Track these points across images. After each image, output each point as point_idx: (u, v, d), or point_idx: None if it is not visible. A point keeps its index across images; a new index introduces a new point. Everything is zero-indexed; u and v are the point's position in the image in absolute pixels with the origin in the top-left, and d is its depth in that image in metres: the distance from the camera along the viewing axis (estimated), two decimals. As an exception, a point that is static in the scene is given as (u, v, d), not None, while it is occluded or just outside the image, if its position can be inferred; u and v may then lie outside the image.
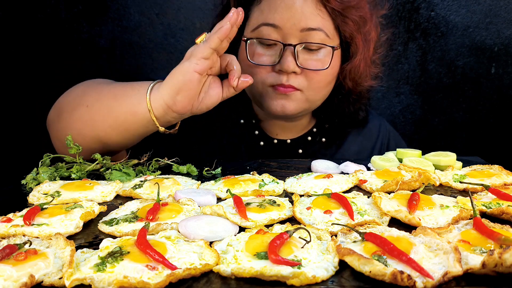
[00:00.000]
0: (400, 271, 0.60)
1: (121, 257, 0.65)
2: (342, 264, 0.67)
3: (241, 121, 1.55)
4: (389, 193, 0.98)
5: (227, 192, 0.99)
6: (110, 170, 1.17)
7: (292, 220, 0.88)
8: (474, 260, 0.65)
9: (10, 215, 0.86)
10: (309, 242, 0.71)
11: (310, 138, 1.55)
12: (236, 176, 1.12)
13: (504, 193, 0.93)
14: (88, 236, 0.82)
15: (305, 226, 0.81)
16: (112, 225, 0.84)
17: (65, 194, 1.00)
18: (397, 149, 1.34)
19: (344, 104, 1.52)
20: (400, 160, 1.28)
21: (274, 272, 0.61)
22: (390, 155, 1.33)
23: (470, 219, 0.82)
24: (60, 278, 0.63)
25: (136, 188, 1.05)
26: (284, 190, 1.08)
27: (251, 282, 0.63)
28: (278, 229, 0.80)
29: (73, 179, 1.14)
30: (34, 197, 0.99)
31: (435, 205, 0.89)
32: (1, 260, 0.65)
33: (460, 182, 1.07)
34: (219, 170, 1.24)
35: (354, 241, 0.74)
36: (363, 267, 0.63)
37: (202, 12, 2.11)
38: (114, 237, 0.78)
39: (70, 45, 2.08)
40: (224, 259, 0.69)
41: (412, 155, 1.29)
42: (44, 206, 0.89)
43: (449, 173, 1.17)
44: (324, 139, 1.57)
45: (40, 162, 1.18)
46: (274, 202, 0.92)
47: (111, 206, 0.97)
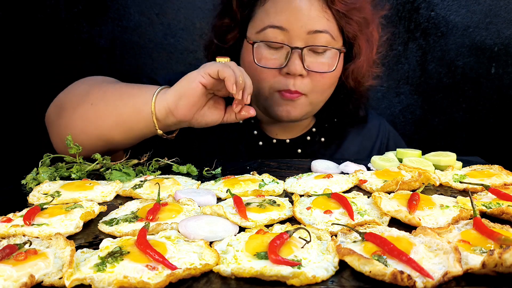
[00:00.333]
0: (400, 271, 0.60)
1: (121, 257, 0.65)
2: (342, 264, 0.67)
3: (240, 121, 1.55)
4: (389, 193, 0.98)
5: (227, 192, 0.99)
6: (110, 170, 1.17)
7: (292, 220, 0.88)
8: (474, 260, 0.65)
9: (10, 215, 0.86)
10: (309, 242, 0.71)
11: (309, 137, 1.55)
12: (236, 176, 1.12)
13: (504, 193, 0.93)
14: (88, 236, 0.82)
15: (305, 226, 0.81)
16: (112, 225, 0.84)
17: (65, 194, 1.00)
18: (397, 149, 1.34)
19: (344, 103, 1.53)
20: (400, 160, 1.28)
21: (274, 272, 0.61)
22: (390, 155, 1.33)
23: (470, 219, 0.82)
24: (60, 278, 0.63)
25: (136, 188, 1.05)
26: (284, 190, 1.08)
27: (251, 282, 0.63)
28: (278, 229, 0.80)
29: (73, 179, 1.14)
30: (34, 197, 0.99)
31: (435, 205, 0.89)
32: (1, 260, 0.65)
33: (460, 182, 1.07)
34: (219, 170, 1.24)
35: (354, 241, 0.74)
36: (363, 267, 0.63)
37: (202, 12, 2.11)
38: (114, 237, 0.78)
39: (70, 45, 2.08)
40: (224, 259, 0.69)
41: (412, 155, 1.29)
42: (44, 206, 0.89)
43: (449, 173, 1.17)
44: (323, 139, 1.57)
45: (40, 162, 1.18)
46: (274, 202, 0.92)
47: (111, 206, 0.97)
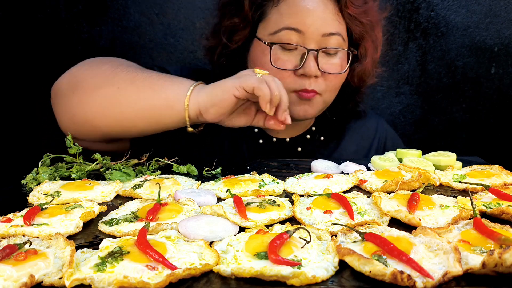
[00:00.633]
0: (400, 271, 0.60)
1: (121, 257, 0.65)
2: (342, 264, 0.67)
3: None
4: (389, 193, 0.98)
5: (227, 192, 0.99)
6: (110, 170, 1.17)
7: (292, 220, 0.88)
8: (474, 260, 0.65)
9: (10, 215, 0.86)
10: (309, 242, 0.71)
11: (309, 136, 1.56)
12: (236, 176, 1.12)
13: (504, 193, 0.93)
14: (88, 236, 0.82)
15: (305, 226, 0.81)
16: (112, 225, 0.84)
17: (65, 194, 1.00)
18: (397, 149, 1.35)
19: (347, 101, 1.56)
20: (400, 160, 1.28)
21: (274, 272, 0.61)
22: (390, 155, 1.33)
23: (470, 219, 0.82)
24: (60, 278, 0.63)
25: (136, 188, 1.05)
26: (284, 190, 1.08)
27: (251, 282, 0.63)
28: (278, 229, 0.80)
29: (73, 179, 1.14)
30: (34, 197, 0.99)
31: (435, 205, 0.89)
32: (1, 260, 0.65)
33: (460, 182, 1.07)
34: (219, 170, 1.24)
35: (354, 241, 0.74)
36: (363, 267, 0.63)
37: (202, 12, 2.11)
38: (114, 237, 0.78)
39: (70, 45, 2.08)
40: (224, 259, 0.69)
41: (412, 155, 1.29)
42: (44, 206, 0.89)
43: (449, 173, 1.17)
44: (322, 138, 1.58)
45: (40, 162, 1.18)
46: (274, 202, 0.92)
47: (111, 206, 0.97)
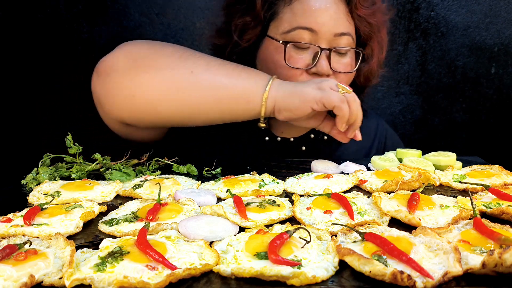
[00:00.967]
0: (400, 271, 0.60)
1: (121, 257, 0.65)
2: (342, 264, 0.67)
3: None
4: (389, 193, 0.98)
5: (227, 192, 0.99)
6: (110, 170, 1.17)
7: (292, 220, 0.88)
8: (474, 260, 0.65)
9: (10, 215, 0.86)
10: (309, 242, 0.71)
11: (312, 135, 1.56)
12: (236, 176, 1.12)
13: (504, 193, 0.93)
14: (88, 236, 0.82)
15: (305, 226, 0.81)
16: (112, 225, 0.84)
17: (65, 194, 1.00)
18: (397, 149, 1.35)
19: None
20: (400, 160, 1.28)
21: (274, 272, 0.61)
22: (390, 155, 1.33)
23: (470, 219, 0.82)
24: (60, 278, 0.63)
25: (136, 188, 1.05)
26: (284, 190, 1.08)
27: (251, 282, 0.63)
28: (278, 229, 0.80)
29: (73, 179, 1.14)
30: (34, 197, 0.99)
31: (435, 205, 0.89)
32: (1, 260, 0.65)
33: (460, 182, 1.07)
34: (219, 170, 1.24)
35: (354, 241, 0.74)
36: (363, 267, 0.63)
37: (202, 12, 2.11)
38: (114, 237, 0.78)
39: (70, 45, 2.08)
40: (224, 259, 0.69)
41: (412, 155, 1.29)
42: (44, 206, 0.89)
43: (449, 173, 1.17)
44: (326, 137, 1.58)
45: (40, 162, 1.18)
46: (274, 202, 0.92)
47: (111, 206, 0.97)
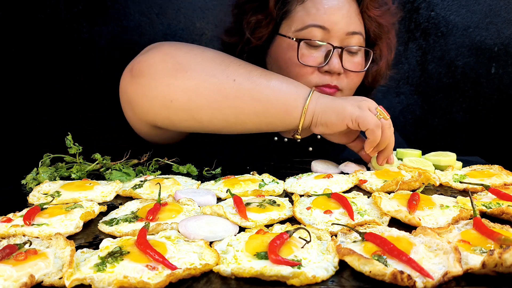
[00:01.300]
0: (400, 271, 0.60)
1: (121, 257, 0.65)
2: (342, 264, 0.67)
3: None
4: (389, 193, 0.98)
5: (227, 192, 0.99)
6: (110, 170, 1.17)
7: (292, 220, 0.88)
8: (474, 260, 0.65)
9: (10, 215, 0.86)
10: (309, 242, 0.71)
11: (319, 137, 1.56)
12: (236, 176, 1.12)
13: (504, 193, 0.93)
14: (88, 236, 0.82)
15: (305, 226, 0.81)
16: (112, 225, 0.84)
17: (65, 194, 1.00)
18: (397, 149, 1.34)
19: None
20: (400, 160, 1.28)
21: (274, 272, 0.61)
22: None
23: (470, 219, 0.82)
24: (60, 278, 0.63)
25: (136, 188, 1.05)
26: (284, 190, 1.08)
27: (251, 282, 0.63)
28: (278, 229, 0.80)
29: (73, 179, 1.14)
30: (34, 197, 0.99)
31: (435, 205, 0.89)
32: (1, 260, 0.65)
33: (460, 182, 1.07)
34: (219, 170, 1.24)
35: (354, 241, 0.74)
36: (363, 267, 0.63)
37: (202, 12, 2.11)
38: (114, 237, 0.78)
39: (70, 45, 2.08)
40: (224, 259, 0.69)
41: (412, 155, 1.29)
42: (44, 206, 0.89)
43: (449, 173, 1.17)
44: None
45: (40, 162, 1.18)
46: (274, 202, 0.92)
47: (111, 206, 0.97)
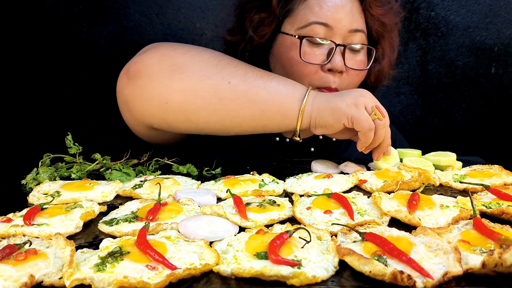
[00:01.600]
0: (400, 271, 0.60)
1: (121, 257, 0.65)
2: (342, 264, 0.67)
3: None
4: (389, 193, 0.98)
5: (227, 192, 0.99)
6: (110, 170, 1.17)
7: (292, 220, 0.88)
8: (474, 260, 0.65)
9: (10, 215, 0.86)
10: (309, 242, 0.71)
11: (321, 137, 1.56)
12: (236, 176, 1.12)
13: (504, 193, 0.93)
14: (88, 236, 0.82)
15: (305, 226, 0.81)
16: (112, 225, 0.84)
17: (65, 194, 1.00)
18: (397, 149, 1.34)
19: None
20: (401, 160, 1.28)
21: (274, 272, 0.61)
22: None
23: (470, 219, 0.82)
24: (60, 278, 0.63)
25: (136, 188, 1.05)
26: (284, 190, 1.08)
27: (251, 282, 0.63)
28: (278, 229, 0.80)
29: (73, 179, 1.14)
30: (34, 197, 0.99)
31: (435, 205, 0.89)
32: (1, 260, 0.65)
33: (460, 182, 1.07)
34: (219, 170, 1.24)
35: (354, 241, 0.74)
36: (363, 267, 0.63)
37: (202, 12, 2.11)
38: (114, 237, 0.78)
39: (70, 45, 2.08)
40: (224, 259, 0.69)
41: (412, 155, 1.29)
42: (44, 206, 0.89)
43: (449, 173, 1.16)
44: (334, 139, 1.58)
45: (40, 162, 1.18)
46: (274, 202, 0.92)
47: (111, 206, 0.97)
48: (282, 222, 0.86)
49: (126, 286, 0.60)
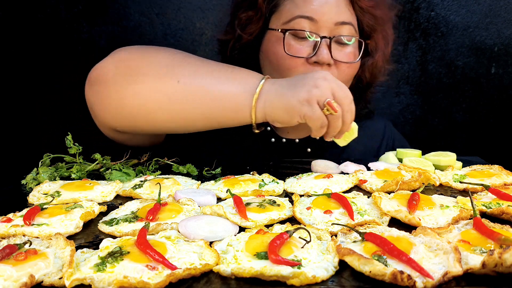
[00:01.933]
0: (400, 271, 0.60)
1: (121, 257, 0.65)
2: (342, 264, 0.67)
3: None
4: (389, 193, 0.98)
5: (227, 192, 0.99)
6: (110, 170, 1.17)
7: (292, 220, 0.88)
8: (474, 260, 0.65)
9: (10, 215, 0.86)
10: (309, 242, 0.71)
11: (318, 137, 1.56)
12: (236, 176, 1.12)
13: (504, 193, 0.93)
14: (88, 236, 0.82)
15: (305, 226, 0.81)
16: (112, 225, 0.84)
17: (65, 194, 1.00)
18: (397, 149, 1.35)
19: (357, 99, 1.55)
20: (400, 160, 1.28)
21: (274, 272, 0.61)
22: (390, 155, 1.33)
23: (470, 219, 0.82)
24: (60, 278, 0.63)
25: (136, 188, 1.05)
26: (284, 190, 1.08)
27: (251, 282, 0.63)
28: (278, 229, 0.80)
29: (73, 179, 1.14)
30: (34, 197, 0.99)
31: (435, 205, 0.89)
32: (1, 260, 0.65)
33: (460, 182, 1.07)
34: (219, 170, 1.24)
35: (354, 241, 0.74)
36: (363, 267, 0.63)
37: (202, 12, 2.11)
38: (114, 237, 0.78)
39: (70, 45, 2.08)
40: (224, 259, 0.69)
41: (412, 155, 1.29)
42: (44, 206, 0.89)
43: (449, 173, 1.17)
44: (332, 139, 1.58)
45: (40, 162, 1.18)
46: (274, 202, 0.92)
47: (111, 206, 0.97)
48: (282, 222, 0.86)
49: (126, 286, 0.60)
